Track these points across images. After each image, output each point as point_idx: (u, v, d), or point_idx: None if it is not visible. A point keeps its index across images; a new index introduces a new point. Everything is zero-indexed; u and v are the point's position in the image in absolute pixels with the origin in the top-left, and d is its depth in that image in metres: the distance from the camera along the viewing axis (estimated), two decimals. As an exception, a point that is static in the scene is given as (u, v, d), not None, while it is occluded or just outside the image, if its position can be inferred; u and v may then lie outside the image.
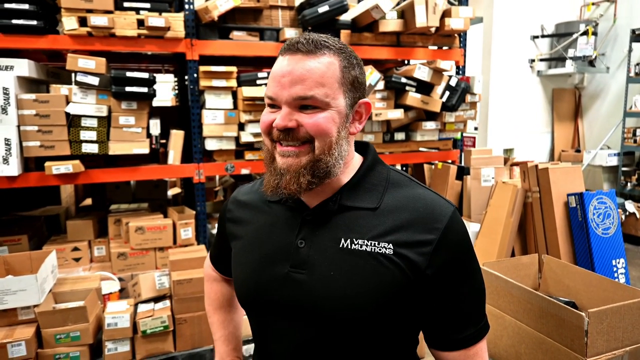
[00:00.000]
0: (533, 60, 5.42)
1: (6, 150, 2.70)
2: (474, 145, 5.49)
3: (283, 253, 0.84)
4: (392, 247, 0.78)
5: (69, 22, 2.78)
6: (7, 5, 2.65)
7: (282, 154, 0.82)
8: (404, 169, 4.97)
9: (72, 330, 2.26)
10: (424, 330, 0.87)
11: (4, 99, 2.69)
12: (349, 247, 0.80)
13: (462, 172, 3.74)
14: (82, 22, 2.81)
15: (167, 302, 2.55)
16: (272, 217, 0.90)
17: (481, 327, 0.84)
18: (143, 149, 2.99)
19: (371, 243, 0.79)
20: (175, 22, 2.97)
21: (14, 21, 2.70)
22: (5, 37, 2.72)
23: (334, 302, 0.79)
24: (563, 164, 3.04)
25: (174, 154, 3.15)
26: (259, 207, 0.94)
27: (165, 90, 7.23)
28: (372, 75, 3.28)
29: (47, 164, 2.79)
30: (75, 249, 3.11)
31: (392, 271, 0.78)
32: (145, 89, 2.90)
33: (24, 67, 2.74)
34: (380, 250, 0.79)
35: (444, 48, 3.93)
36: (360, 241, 0.80)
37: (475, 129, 5.64)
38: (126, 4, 2.88)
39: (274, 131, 0.82)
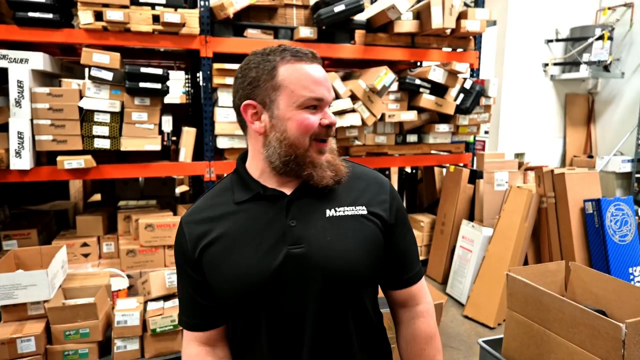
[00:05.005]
0: (547, 65, 5.35)
1: (19, 143, 2.69)
2: (483, 149, 5.44)
3: (277, 237, 0.92)
4: (364, 208, 0.97)
5: (84, 16, 2.76)
6: (23, -2, 2.64)
7: (323, 151, 0.94)
8: (414, 171, 4.93)
9: (82, 327, 2.24)
10: (383, 274, 1.04)
11: (18, 92, 2.68)
12: (334, 214, 0.95)
13: (475, 176, 3.70)
14: (98, 16, 2.79)
15: (177, 301, 2.52)
16: (249, 213, 0.95)
17: (419, 269, 1.07)
18: (155, 145, 2.97)
19: (350, 209, 0.96)
20: (191, 19, 2.95)
21: (30, 14, 2.68)
22: (21, 29, 2.71)
23: (338, 261, 0.92)
24: (579, 169, 2.99)
25: (186, 151, 3.13)
26: (226, 213, 0.97)
27: (176, 88, 7.21)
28: (386, 76, 3.24)
29: (59, 158, 2.77)
30: (85, 244, 3.10)
31: (370, 226, 0.96)
32: (159, 85, 2.88)
33: (39, 61, 2.72)
34: (358, 212, 0.96)
35: (459, 50, 3.89)
36: (341, 208, 0.96)
37: (486, 132, 5.59)
38: (142, -1, 2.86)
39: (318, 130, 0.92)
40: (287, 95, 0.90)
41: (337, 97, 3.22)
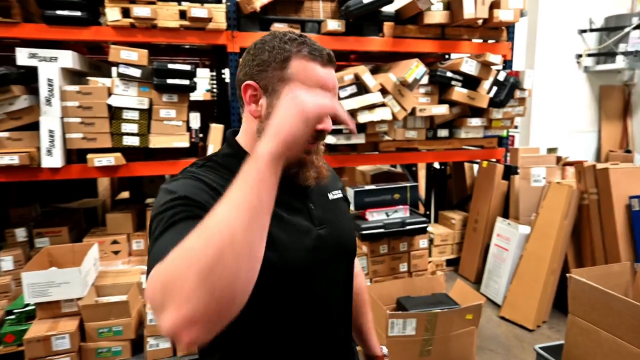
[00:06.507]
0: (580, 56, 5.15)
1: (50, 141, 2.70)
2: (512, 144, 5.27)
3: (305, 219, 0.96)
4: (339, 192, 1.11)
5: (112, 13, 2.75)
6: (52, -4, 2.64)
7: (310, 151, 0.93)
8: (443, 167, 4.81)
9: (115, 325, 2.23)
10: None
11: (48, 90, 2.68)
12: (333, 198, 1.07)
13: (509, 172, 3.56)
14: (125, 13, 2.78)
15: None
16: None
17: None
18: (183, 142, 2.94)
19: (336, 192, 1.09)
20: (217, 14, 2.91)
21: (59, 12, 2.68)
22: (50, 28, 2.71)
23: (347, 238, 1.05)
24: (623, 164, 2.84)
25: (214, 148, 3.09)
26: None
27: (200, 85, 7.21)
28: (417, 69, 3.14)
29: (89, 156, 2.77)
30: (115, 242, 3.10)
31: (347, 207, 1.13)
32: (187, 82, 2.85)
33: (68, 59, 2.72)
34: (340, 195, 1.10)
35: (490, 41, 3.75)
36: (334, 192, 1.08)
37: (515, 127, 5.42)
38: (169, -6, 2.83)
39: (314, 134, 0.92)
40: None
41: (367, 91, 3.14)
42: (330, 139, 3.23)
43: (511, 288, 3.03)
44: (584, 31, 5.13)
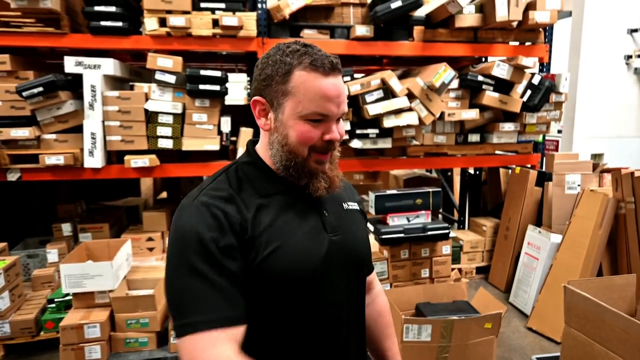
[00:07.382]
0: (630, 57, 4.87)
1: (92, 143, 2.90)
2: (556, 150, 5.06)
3: (318, 226, 0.97)
4: (356, 204, 1.11)
5: (150, 23, 2.92)
6: (96, 8, 2.84)
7: (322, 162, 0.95)
8: (478, 172, 4.70)
9: (142, 317, 2.36)
10: None
11: (91, 96, 2.89)
12: (348, 208, 1.07)
13: (543, 178, 3.44)
14: (162, 23, 2.94)
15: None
16: (284, 203, 0.96)
17: None
18: (214, 145, 3.07)
19: (352, 204, 1.09)
20: (248, 21, 3.02)
21: (103, 23, 2.88)
22: (95, 38, 2.91)
23: (363, 246, 1.06)
24: (665, 172, 2.68)
25: (243, 151, 3.20)
26: (261, 202, 0.94)
27: (238, 90, 7.42)
28: (445, 73, 3.11)
29: (126, 157, 2.95)
30: (150, 239, 3.27)
31: (364, 220, 1.13)
32: (217, 87, 2.98)
33: (110, 66, 2.92)
34: (356, 207, 1.10)
35: (527, 44, 3.65)
36: (349, 203, 1.08)
37: (559, 131, 5.20)
38: (203, 5, 2.97)
39: (319, 143, 0.92)
40: (294, 104, 0.89)
41: (394, 95, 3.15)
42: (356, 143, 3.26)
43: (540, 298, 2.93)
44: (635, 30, 4.85)
